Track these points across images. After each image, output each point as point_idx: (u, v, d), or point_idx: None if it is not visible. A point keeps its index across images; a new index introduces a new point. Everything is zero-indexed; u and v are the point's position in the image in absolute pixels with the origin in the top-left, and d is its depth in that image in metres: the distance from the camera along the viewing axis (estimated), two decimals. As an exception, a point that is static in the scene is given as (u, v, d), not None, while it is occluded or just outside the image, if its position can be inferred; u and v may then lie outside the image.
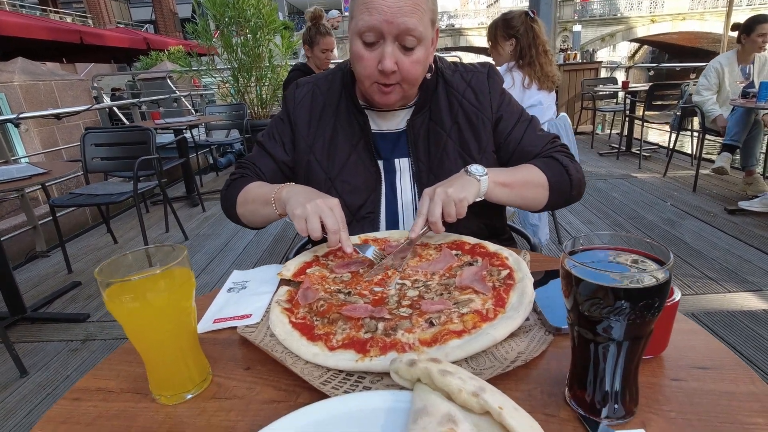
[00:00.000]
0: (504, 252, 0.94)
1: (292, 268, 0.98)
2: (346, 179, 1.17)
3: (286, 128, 1.23)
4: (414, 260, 0.99)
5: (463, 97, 1.18)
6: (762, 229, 3.24)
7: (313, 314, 0.82)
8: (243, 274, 1.05)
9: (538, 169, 1.10)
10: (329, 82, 1.22)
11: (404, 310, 0.79)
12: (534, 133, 1.19)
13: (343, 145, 1.18)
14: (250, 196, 1.12)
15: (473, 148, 1.17)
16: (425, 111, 1.17)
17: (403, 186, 1.19)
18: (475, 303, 0.78)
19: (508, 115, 1.19)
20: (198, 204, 4.67)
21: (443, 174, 1.14)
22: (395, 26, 0.96)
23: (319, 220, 0.90)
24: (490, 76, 1.20)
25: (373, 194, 1.18)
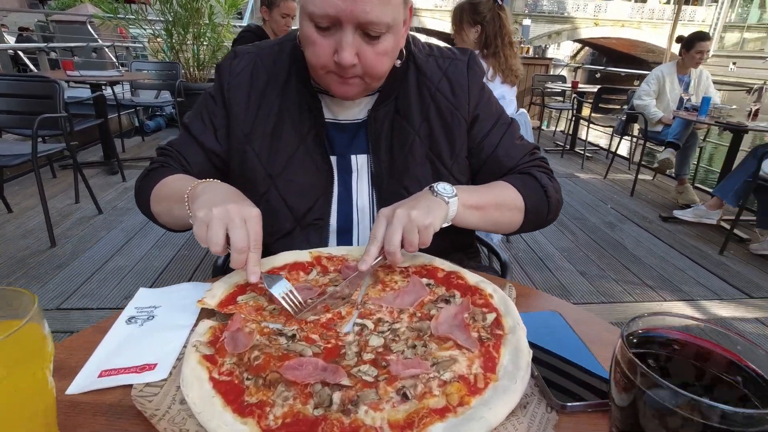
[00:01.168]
0: (487, 287, 0.77)
1: (218, 294, 0.75)
2: (291, 177, 0.95)
3: (218, 109, 0.98)
4: (375, 288, 0.80)
5: (437, 89, 0.98)
6: (693, 238, 3.40)
7: (243, 369, 0.60)
8: (152, 294, 0.80)
9: (513, 189, 0.94)
10: (275, 54, 0.98)
11: (367, 370, 0.60)
12: (512, 141, 1.02)
13: (289, 135, 0.95)
14: (165, 191, 0.90)
15: (445, 151, 0.98)
16: (391, 101, 0.97)
17: (359, 188, 0.99)
18: (460, 364, 0.60)
19: (485, 116, 1.01)
20: (117, 172, 4.13)
21: (407, 179, 0.97)
22: (356, 16, 0.77)
23: (225, 230, 0.70)
24: (470, 67, 1.01)
25: (323, 197, 0.97)
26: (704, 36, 3.94)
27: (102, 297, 2.38)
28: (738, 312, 2.46)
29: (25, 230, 3.05)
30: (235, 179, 0.97)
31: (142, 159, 4.79)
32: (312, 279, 0.83)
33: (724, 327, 0.40)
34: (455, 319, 0.70)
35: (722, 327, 0.40)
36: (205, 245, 0.72)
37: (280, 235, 0.95)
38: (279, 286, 0.74)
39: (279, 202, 0.95)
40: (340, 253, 0.88)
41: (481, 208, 0.88)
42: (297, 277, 0.83)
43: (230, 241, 0.70)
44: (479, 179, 1.03)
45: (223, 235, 0.70)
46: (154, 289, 0.82)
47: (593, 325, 0.76)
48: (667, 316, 0.42)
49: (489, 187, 0.95)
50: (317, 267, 0.85)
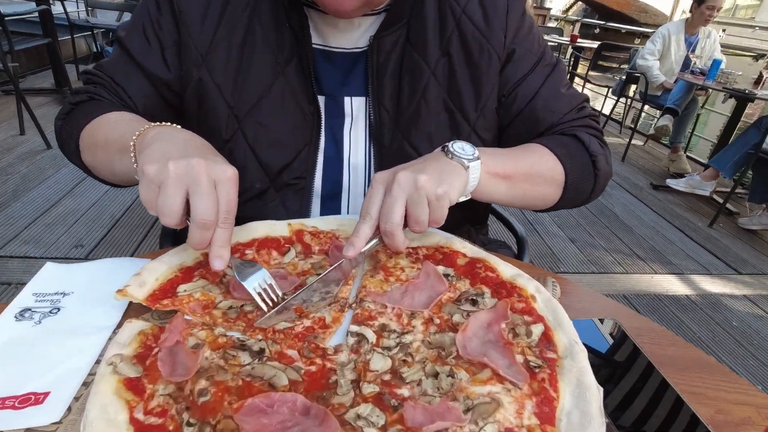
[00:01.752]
0: (527, 285, 0.57)
1: (150, 280, 0.53)
2: (263, 121, 0.71)
3: (164, 19, 0.71)
4: (376, 278, 0.59)
5: (464, 13, 0.73)
6: (683, 209, 3.31)
7: (183, 407, 0.40)
8: (64, 273, 0.58)
9: (552, 156, 0.71)
10: None
11: (369, 413, 0.40)
12: (556, 89, 0.78)
13: (262, 62, 0.70)
14: (102, 136, 0.66)
15: (468, 99, 0.75)
16: (402, 26, 0.72)
17: (353, 141, 0.76)
18: (505, 411, 0.41)
19: (524, 52, 0.76)
20: (71, 102, 3.68)
21: (417, 134, 0.74)
22: None
23: (185, 195, 0.48)
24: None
25: (306, 150, 0.73)
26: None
27: (48, 244, 2.10)
28: (727, 288, 2.40)
29: (-42, 163, 2.68)
30: (191, 120, 0.73)
31: (100, 90, 4.30)
32: (288, 262, 0.61)
33: None
34: (489, 331, 0.50)
35: None
36: (154, 213, 0.49)
37: (247, 198, 0.72)
38: (255, 278, 0.52)
39: (246, 154, 0.71)
40: (329, 228, 0.67)
41: (509, 178, 0.66)
42: (268, 259, 0.61)
43: (190, 211, 0.48)
44: (508, 138, 0.80)
45: (181, 202, 0.48)
46: (67, 265, 0.59)
47: (657, 337, 0.58)
48: None
49: (521, 151, 0.72)
50: (297, 245, 0.64)
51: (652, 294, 2.27)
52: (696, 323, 2.10)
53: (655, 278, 2.41)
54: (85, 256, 2.07)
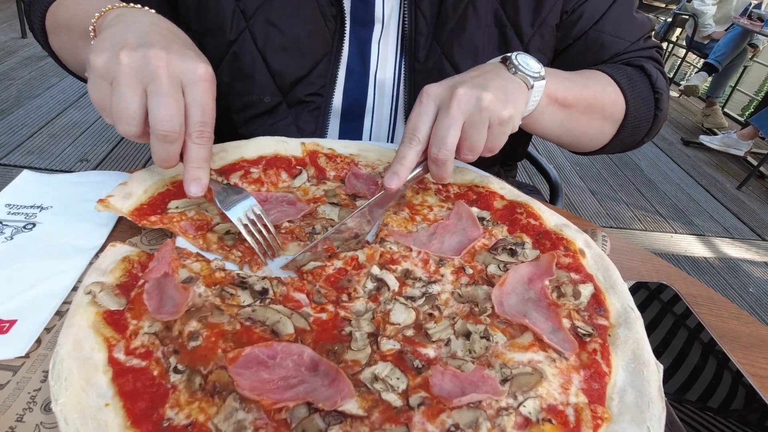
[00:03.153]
0: (576, 238, 0.49)
1: (138, 191, 0.46)
2: (275, 20, 0.59)
3: None
4: (400, 216, 0.51)
5: None
6: (712, 167, 3.15)
7: (171, 351, 0.34)
8: (43, 184, 0.50)
9: (616, 88, 0.62)
10: None
11: (387, 373, 0.34)
12: (627, 13, 0.66)
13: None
14: (65, 15, 0.55)
15: (525, 12, 0.62)
16: None
17: (382, 52, 0.65)
18: (549, 383, 0.35)
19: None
20: (75, 7, 3.46)
21: (459, 48, 0.63)
22: None
23: (143, 95, 0.39)
24: None
25: (326, 60, 0.63)
26: None
27: (52, 156, 2.04)
28: (748, 254, 2.32)
29: (-43, 63, 2.56)
30: (187, 15, 0.61)
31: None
32: (299, 187, 0.53)
33: None
34: (530, 288, 0.43)
35: None
36: (109, 120, 0.40)
37: (254, 114, 0.63)
38: (240, 207, 0.44)
39: (255, 59, 0.60)
40: (348, 151, 0.58)
41: (568, 107, 0.57)
42: (276, 181, 0.53)
43: (149, 118, 0.38)
44: (563, 63, 0.67)
45: (138, 105, 0.38)
46: (47, 175, 0.51)
47: (715, 306, 0.51)
48: None
49: (583, 78, 0.61)
50: (310, 168, 0.55)
51: (669, 254, 2.20)
52: (712, 286, 2.03)
53: (675, 237, 2.32)
54: (90, 171, 2.01)
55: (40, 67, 2.70)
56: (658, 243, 2.26)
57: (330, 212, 0.50)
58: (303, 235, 0.47)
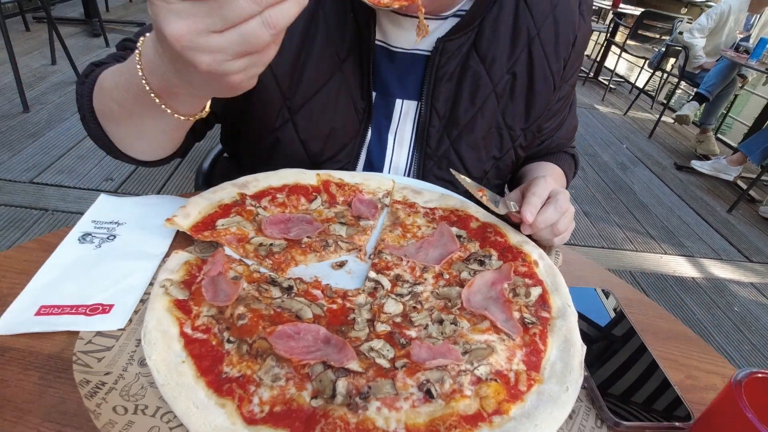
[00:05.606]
0: (532, 251, 0.62)
1: (194, 213, 0.60)
2: (317, 115, 0.71)
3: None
4: (394, 233, 0.65)
5: (538, 35, 0.72)
6: (704, 191, 3.27)
7: (224, 327, 0.47)
8: (118, 204, 0.64)
9: (564, 179, 0.90)
10: None
11: (381, 347, 0.47)
12: (573, 119, 0.92)
13: (323, 54, 0.68)
14: (107, 84, 0.58)
15: (518, 121, 0.77)
16: (471, 31, 0.70)
17: (398, 142, 0.77)
18: (498, 356, 0.48)
19: (569, 88, 0.83)
20: (100, 34, 3.70)
21: (465, 144, 0.76)
22: None
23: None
24: (582, 13, 0.75)
25: (352, 143, 0.75)
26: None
27: (80, 175, 2.21)
28: (735, 275, 2.42)
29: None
30: (236, 104, 0.69)
31: (129, 23, 4.29)
32: (315, 209, 0.67)
33: None
34: (492, 289, 0.56)
35: None
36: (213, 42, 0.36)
37: None
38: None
39: (295, 144, 0.73)
40: (354, 181, 0.72)
41: None
42: (296, 204, 0.67)
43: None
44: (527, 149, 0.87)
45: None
46: (119, 198, 0.66)
47: (645, 308, 0.64)
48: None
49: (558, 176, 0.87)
50: (323, 194, 0.69)
51: (658, 273, 2.31)
52: (698, 305, 2.15)
53: (664, 258, 2.44)
54: (115, 190, 2.17)
55: (69, 92, 2.90)
56: (648, 263, 2.37)
57: (339, 230, 0.64)
58: (319, 248, 0.61)
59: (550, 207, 0.61)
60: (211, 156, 0.98)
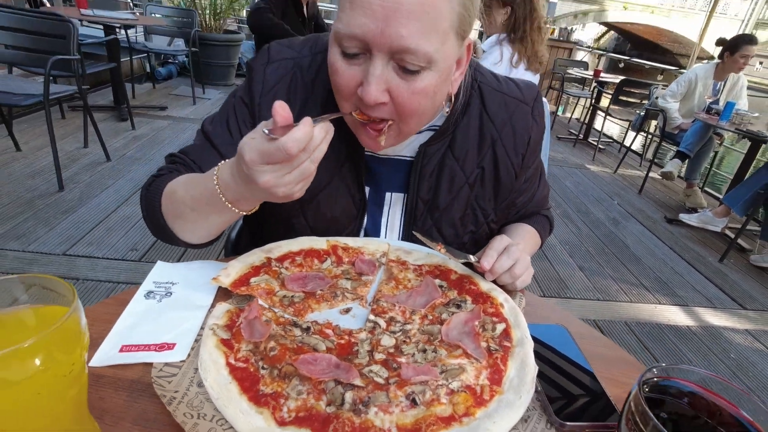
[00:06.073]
0: (498, 296, 0.78)
1: (233, 273, 0.77)
2: (321, 208, 0.91)
3: (248, 120, 0.87)
4: (389, 285, 0.81)
5: (500, 138, 0.91)
6: (695, 243, 3.41)
7: (259, 358, 0.62)
8: (170, 269, 0.82)
9: (538, 235, 1.05)
10: (316, 66, 0.86)
11: (378, 370, 0.62)
12: (542, 191, 1.08)
13: (325, 163, 0.83)
14: (181, 193, 0.76)
15: (488, 202, 0.96)
16: (446, 138, 0.89)
17: (390, 224, 0.96)
18: (467, 374, 0.63)
19: (532, 171, 1.01)
20: (127, 119, 4.09)
21: (445, 221, 0.94)
22: (388, 39, 0.64)
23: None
24: (535, 117, 0.94)
25: (350, 227, 0.94)
26: (751, 39, 3.71)
27: (108, 246, 2.41)
28: (729, 322, 2.50)
29: (33, 170, 3.05)
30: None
31: (153, 107, 4.73)
32: (326, 268, 0.84)
33: (736, 385, 0.41)
34: (465, 326, 0.72)
35: (734, 384, 0.41)
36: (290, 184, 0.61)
37: None
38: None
39: (305, 228, 0.91)
40: (356, 245, 0.89)
41: None
42: (311, 264, 0.84)
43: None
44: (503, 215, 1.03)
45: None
46: (172, 264, 0.83)
47: (596, 340, 0.78)
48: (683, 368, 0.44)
49: (528, 239, 1.01)
50: (332, 256, 0.87)
51: (653, 323, 2.40)
52: (693, 352, 2.22)
53: (659, 308, 2.53)
54: (139, 259, 2.36)
55: (98, 172, 3.19)
56: (642, 313, 2.47)
57: (345, 284, 0.81)
58: (329, 298, 0.77)
59: (504, 256, 0.78)
60: (236, 229, 1.17)
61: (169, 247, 2.49)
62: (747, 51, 3.63)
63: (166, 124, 4.33)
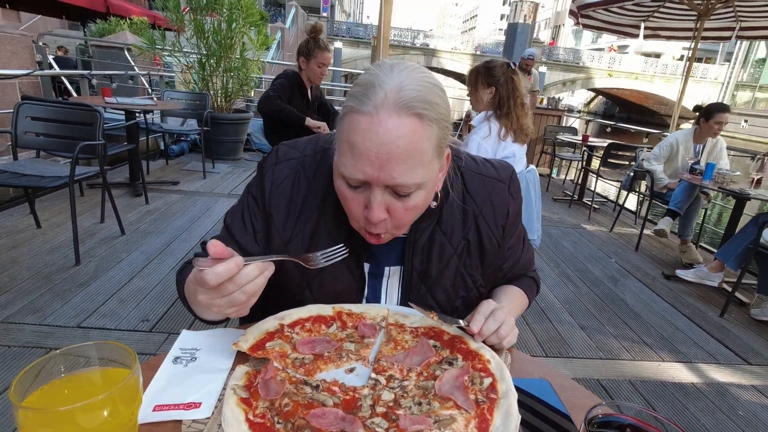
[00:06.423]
0: (486, 353, 0.88)
1: (250, 339, 0.87)
2: (325, 284, 1.03)
3: (259, 214, 1.01)
4: (389, 346, 0.91)
5: (481, 213, 1.05)
6: (694, 298, 3.46)
7: (275, 413, 0.71)
8: (193, 337, 0.92)
9: (525, 296, 1.14)
10: (317, 163, 1.01)
11: (379, 422, 0.71)
12: (528, 253, 1.18)
13: (326, 244, 0.98)
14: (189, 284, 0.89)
15: (476, 269, 1.07)
16: (434, 216, 1.03)
17: (389, 293, 1.07)
18: (458, 424, 0.71)
19: (514, 240, 1.13)
20: (141, 194, 4.32)
21: (438, 288, 1.06)
22: (384, 181, 0.80)
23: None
24: (511, 192, 1.08)
25: (353, 298, 1.05)
26: (723, 107, 4.01)
27: (121, 318, 2.49)
28: (735, 378, 2.50)
29: (52, 246, 3.20)
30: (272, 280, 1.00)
31: (165, 182, 4.99)
32: (332, 332, 0.94)
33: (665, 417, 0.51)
34: (456, 380, 0.81)
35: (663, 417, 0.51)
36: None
37: None
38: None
39: (311, 302, 1.02)
40: (359, 311, 1.00)
41: None
42: (319, 330, 0.95)
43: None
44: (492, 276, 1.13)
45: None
46: (195, 332, 0.94)
47: (577, 391, 0.86)
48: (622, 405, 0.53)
49: (515, 299, 1.11)
50: (338, 321, 0.97)
51: (658, 381, 2.40)
52: (701, 411, 2.21)
53: (662, 365, 2.54)
54: (150, 330, 2.43)
55: (113, 245, 3.34)
56: (646, 371, 2.48)
57: (350, 346, 0.90)
58: (336, 359, 0.87)
59: (490, 319, 0.89)
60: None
61: (179, 318, 2.57)
62: (720, 118, 3.91)
63: (178, 198, 4.56)
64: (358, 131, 0.78)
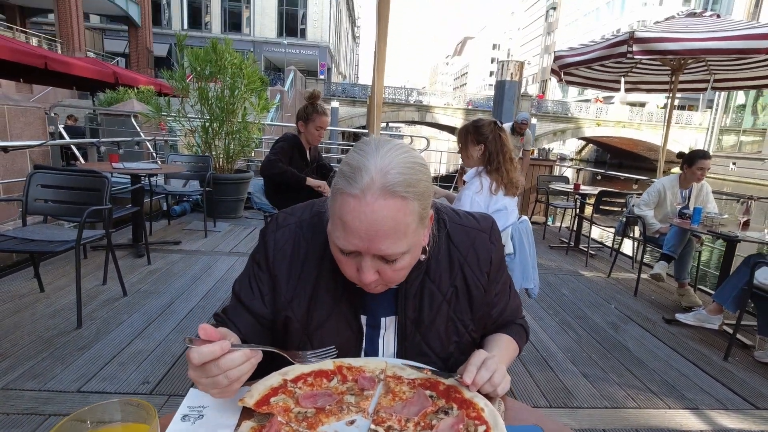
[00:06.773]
0: (479, 402, 0.92)
1: (255, 395, 0.92)
2: (324, 336, 1.10)
3: (264, 277, 1.09)
4: (387, 398, 0.95)
5: (466, 261, 1.13)
6: (696, 342, 3.44)
7: (279, 466, 0.75)
8: (201, 395, 0.96)
9: (516, 344, 1.19)
10: (315, 225, 1.10)
11: (379, 471, 0.74)
12: (514, 301, 1.25)
13: (325, 299, 1.10)
14: None
15: (466, 315, 1.14)
16: (423, 266, 1.11)
17: (386, 343, 1.14)
18: (454, 469, 0.75)
19: (500, 286, 1.20)
20: (143, 255, 4.38)
21: (431, 335, 1.12)
22: (373, 251, 0.89)
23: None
24: (492, 240, 1.17)
25: (352, 351, 1.11)
26: (705, 154, 4.21)
27: (120, 381, 2.48)
28: (744, 424, 2.46)
29: (54, 310, 3.23)
30: (276, 334, 1.12)
31: (167, 242, 5.07)
32: (333, 386, 0.99)
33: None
34: (452, 429, 0.85)
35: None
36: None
37: None
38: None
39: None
40: (358, 364, 1.05)
41: None
42: (320, 384, 0.99)
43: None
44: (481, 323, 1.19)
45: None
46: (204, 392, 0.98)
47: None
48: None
49: (505, 347, 1.16)
50: (338, 375, 1.02)
51: (665, 430, 2.36)
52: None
53: (669, 413, 2.51)
54: (150, 392, 2.41)
55: (115, 307, 3.37)
56: (653, 420, 2.44)
57: (350, 399, 0.95)
58: (337, 412, 0.91)
59: (483, 369, 0.94)
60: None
61: (180, 379, 2.56)
62: (702, 164, 4.09)
63: (180, 257, 4.62)
64: (348, 211, 0.88)
